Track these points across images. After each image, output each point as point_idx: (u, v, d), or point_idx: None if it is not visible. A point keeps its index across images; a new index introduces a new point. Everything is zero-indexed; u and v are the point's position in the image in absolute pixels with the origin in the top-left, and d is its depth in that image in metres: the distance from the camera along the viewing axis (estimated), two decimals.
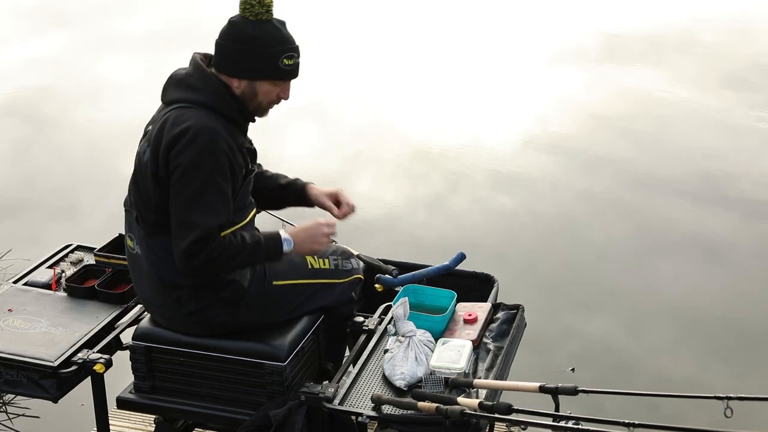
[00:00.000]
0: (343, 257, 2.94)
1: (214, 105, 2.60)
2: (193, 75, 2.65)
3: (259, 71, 2.63)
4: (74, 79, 8.63)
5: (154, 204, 2.61)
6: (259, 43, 2.60)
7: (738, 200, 5.96)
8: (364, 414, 2.53)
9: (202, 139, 2.52)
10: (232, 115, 2.63)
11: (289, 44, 2.64)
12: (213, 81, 2.63)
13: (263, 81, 2.64)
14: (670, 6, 10.69)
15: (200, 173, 2.52)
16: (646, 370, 4.27)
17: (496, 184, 6.33)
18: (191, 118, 2.55)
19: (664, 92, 7.97)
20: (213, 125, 2.55)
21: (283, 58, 2.62)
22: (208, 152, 2.52)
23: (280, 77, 2.65)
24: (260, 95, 2.66)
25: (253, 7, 2.59)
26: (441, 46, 9.53)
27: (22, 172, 6.66)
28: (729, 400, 2.22)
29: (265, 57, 2.61)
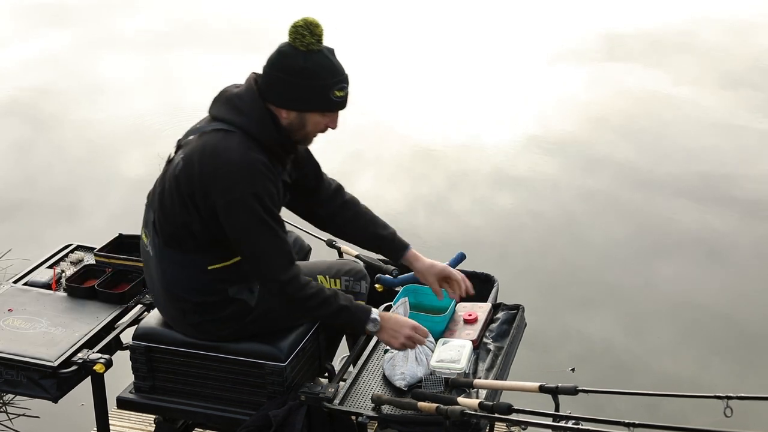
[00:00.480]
0: (355, 279, 2.91)
1: (256, 134, 2.55)
2: (244, 98, 2.59)
3: (310, 103, 2.57)
4: (74, 79, 8.63)
5: (178, 220, 2.59)
6: (310, 75, 2.52)
7: (738, 200, 5.95)
8: (364, 414, 2.53)
9: (247, 174, 2.48)
10: (273, 146, 2.58)
11: (340, 75, 2.57)
12: (261, 109, 2.57)
13: (313, 112, 2.58)
14: (671, 6, 10.70)
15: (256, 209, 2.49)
16: (646, 370, 4.27)
17: (496, 183, 6.33)
18: (233, 149, 2.50)
19: (664, 92, 7.97)
20: (255, 157, 2.51)
21: (335, 90, 2.56)
22: (256, 186, 2.49)
23: (331, 108, 2.59)
24: (309, 126, 2.60)
25: (304, 38, 2.52)
26: (442, 45, 9.53)
27: (23, 172, 6.66)
28: (729, 399, 2.22)
29: (316, 89, 2.54)
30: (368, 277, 2.98)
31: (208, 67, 8.73)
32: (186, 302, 2.66)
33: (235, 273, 2.65)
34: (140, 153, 6.80)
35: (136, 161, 6.66)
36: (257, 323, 2.70)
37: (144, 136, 7.12)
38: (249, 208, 2.48)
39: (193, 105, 7.40)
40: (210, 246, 2.59)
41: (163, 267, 2.66)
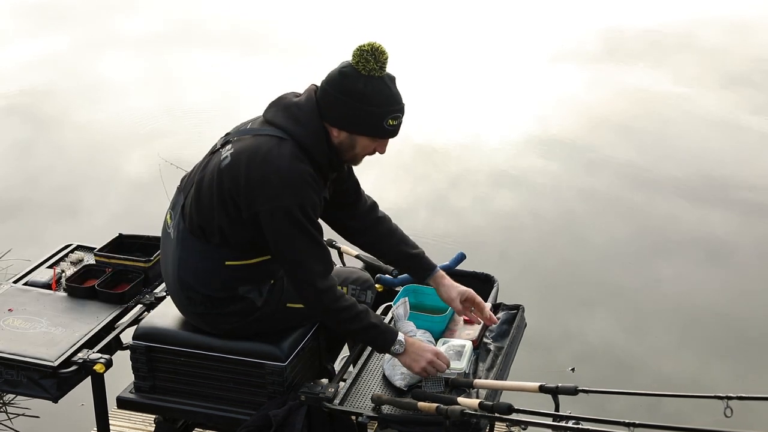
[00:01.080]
0: (361, 288, 2.92)
1: (309, 146, 2.56)
2: (303, 108, 2.60)
3: (363, 127, 2.58)
4: (74, 79, 8.63)
5: (212, 214, 2.59)
6: (367, 100, 2.53)
7: (738, 199, 5.96)
8: (364, 414, 2.53)
9: (294, 184, 2.50)
10: (321, 161, 2.59)
11: (397, 105, 2.59)
12: (317, 123, 2.58)
13: (365, 137, 2.60)
14: (671, 5, 10.70)
15: (300, 220, 2.50)
16: (647, 370, 4.27)
17: (497, 183, 6.33)
18: (285, 158, 2.51)
19: (665, 92, 7.97)
20: (302, 167, 2.52)
21: (389, 119, 2.57)
22: (302, 197, 2.51)
23: (382, 135, 2.61)
24: (358, 148, 2.62)
25: (368, 63, 2.52)
26: (443, 45, 9.54)
27: (23, 172, 6.66)
28: (729, 399, 2.22)
29: (371, 115, 2.55)
30: (374, 287, 2.99)
31: (207, 67, 8.74)
32: (195, 292, 2.66)
33: (251, 273, 2.66)
34: (140, 153, 6.80)
35: (136, 161, 6.67)
36: (261, 322, 2.70)
37: (144, 137, 7.13)
38: (294, 216, 2.50)
39: (193, 105, 7.47)
40: (235, 243, 2.61)
41: (182, 253, 2.67)
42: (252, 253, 2.64)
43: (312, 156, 2.56)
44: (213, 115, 7.07)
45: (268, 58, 8.82)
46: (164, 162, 5.73)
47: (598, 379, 4.16)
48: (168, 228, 2.74)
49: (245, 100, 7.43)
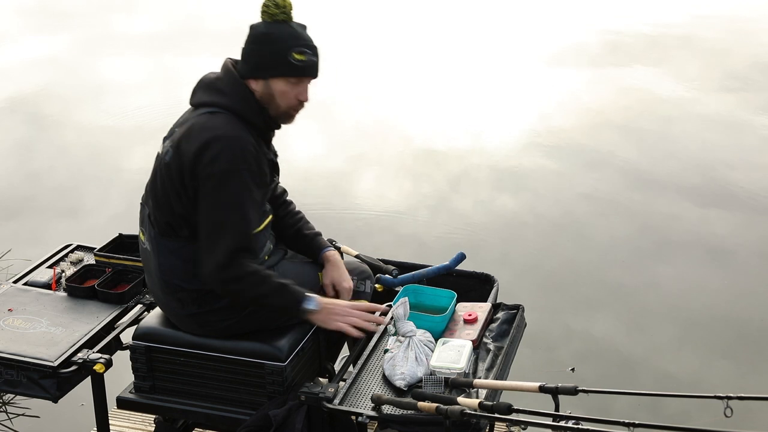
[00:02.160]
0: (359, 278, 2.92)
1: (240, 110, 2.60)
2: (223, 79, 2.65)
3: (271, 68, 2.61)
4: (76, 79, 8.64)
5: (171, 207, 2.61)
6: (269, 39, 2.59)
7: (739, 199, 5.96)
8: (364, 414, 2.52)
9: (232, 147, 2.52)
10: (257, 122, 2.62)
11: (301, 40, 2.62)
12: (240, 86, 2.62)
13: (277, 79, 2.61)
14: (672, 5, 10.70)
15: (233, 183, 2.52)
16: (648, 370, 4.27)
17: (498, 183, 6.33)
18: (219, 127, 2.55)
19: (665, 91, 7.98)
20: (240, 133, 2.55)
21: (293, 53, 2.59)
22: (239, 161, 2.52)
23: (291, 73, 2.61)
24: (277, 96, 2.63)
25: (269, 8, 2.59)
26: (444, 46, 9.55)
27: (24, 172, 6.67)
28: (729, 399, 2.22)
29: (275, 53, 2.59)
30: (373, 278, 2.99)
31: (209, 67, 8.73)
32: (183, 291, 2.67)
33: None
34: (141, 153, 6.80)
35: (137, 161, 6.67)
36: (256, 315, 2.70)
37: (145, 137, 7.13)
38: (228, 180, 2.51)
39: None
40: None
41: (160, 258, 2.68)
42: None
43: (246, 120, 2.59)
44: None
45: None
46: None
47: (599, 378, 4.16)
48: (144, 244, 2.76)
49: None
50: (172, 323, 2.78)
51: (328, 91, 8.03)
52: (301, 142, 7.00)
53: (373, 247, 4.50)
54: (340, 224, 5.52)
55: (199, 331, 2.72)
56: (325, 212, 5.67)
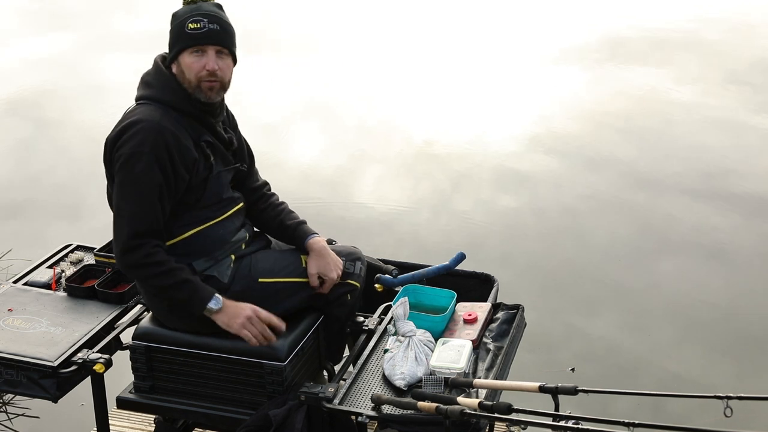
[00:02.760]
0: (348, 259, 2.89)
1: (165, 99, 2.64)
2: (150, 73, 2.72)
3: (175, 44, 2.67)
4: (77, 79, 8.63)
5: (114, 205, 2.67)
6: (173, 18, 2.67)
7: (741, 198, 5.96)
8: (364, 414, 2.53)
9: (143, 131, 2.55)
10: (185, 107, 2.64)
11: (198, 11, 2.64)
12: (164, 75, 2.68)
13: (182, 54, 2.65)
14: (674, 6, 10.70)
15: (138, 166, 2.54)
16: (649, 369, 4.27)
17: (499, 183, 6.33)
18: (138, 113, 2.61)
19: (667, 91, 7.98)
20: (157, 118, 2.58)
21: (188, 23, 2.62)
22: (147, 144, 2.54)
23: (190, 43, 2.63)
24: (185, 71, 2.65)
25: None
26: (445, 45, 9.54)
27: (24, 172, 6.66)
28: (729, 399, 2.22)
29: (175, 29, 2.66)
30: (363, 260, 2.95)
31: None
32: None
33: (192, 246, 2.67)
34: None
35: None
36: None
37: None
38: (133, 164, 2.54)
39: None
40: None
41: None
42: (180, 227, 2.66)
43: (174, 107, 2.63)
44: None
45: (270, 57, 8.83)
46: None
47: (600, 378, 4.15)
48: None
49: (249, 96, 7.46)
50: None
51: (330, 91, 8.05)
52: (303, 141, 7.01)
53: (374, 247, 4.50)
54: (342, 223, 5.52)
55: (185, 327, 2.72)
56: (326, 212, 5.67)
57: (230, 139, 2.78)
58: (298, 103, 7.80)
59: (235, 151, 2.82)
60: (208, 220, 2.68)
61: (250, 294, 2.71)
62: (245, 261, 2.76)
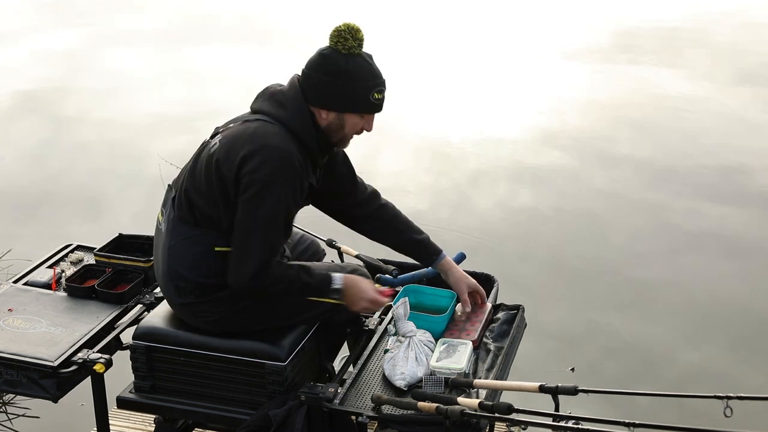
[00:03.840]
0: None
1: (295, 128, 2.62)
2: (287, 94, 2.67)
3: (350, 105, 2.64)
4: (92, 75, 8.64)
5: (204, 197, 2.64)
6: (352, 77, 2.60)
7: (757, 194, 6.02)
8: (364, 414, 2.53)
9: (279, 159, 2.54)
10: (310, 144, 2.64)
11: (379, 78, 2.66)
12: (302, 105, 2.64)
13: (352, 114, 2.65)
14: (686, 2, 10.73)
15: (273, 195, 2.54)
16: (670, 365, 4.30)
17: (516, 180, 6.34)
18: (270, 136, 2.57)
19: (680, 88, 8.04)
20: (289, 147, 2.57)
21: (374, 92, 2.64)
22: (283, 174, 2.55)
23: (369, 110, 2.67)
24: (347, 127, 2.67)
25: (347, 41, 2.59)
26: (459, 43, 9.58)
27: (24, 171, 6.66)
28: (729, 399, 2.22)
29: (357, 91, 2.62)
30: (371, 279, 2.97)
31: (223, 62, 8.75)
32: (183, 280, 2.68)
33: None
34: (140, 153, 6.79)
35: (136, 161, 6.65)
36: (248, 312, 2.70)
37: (146, 135, 7.13)
38: (268, 192, 2.53)
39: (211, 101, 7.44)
40: (226, 228, 2.63)
41: (172, 241, 2.69)
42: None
43: (300, 139, 2.61)
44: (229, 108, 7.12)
45: (283, 51, 8.83)
46: (164, 162, 5.73)
47: (622, 374, 4.20)
48: (160, 225, 2.78)
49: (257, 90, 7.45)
50: (172, 323, 2.78)
51: None
52: None
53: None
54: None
55: (192, 321, 2.73)
56: None
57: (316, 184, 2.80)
58: None
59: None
60: None
61: (265, 303, 2.71)
62: None
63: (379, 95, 2.65)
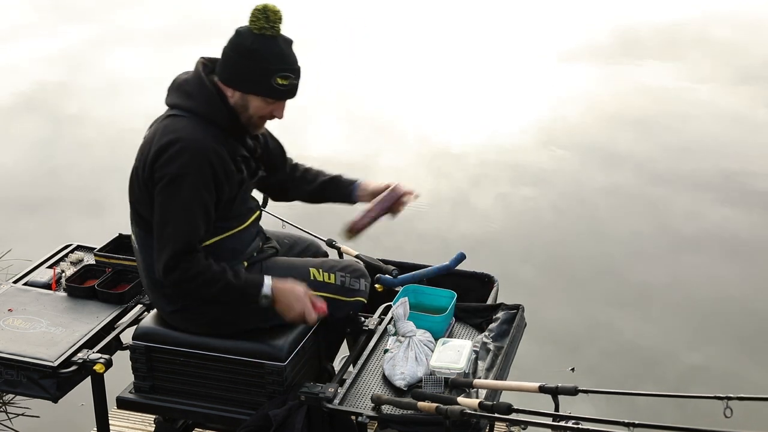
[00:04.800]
0: (352, 275, 2.88)
1: (206, 114, 2.59)
2: (191, 82, 2.65)
3: (251, 85, 2.59)
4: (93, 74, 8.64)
5: (146, 207, 2.63)
6: (255, 56, 2.55)
7: (758, 194, 6.01)
8: (364, 414, 2.53)
9: (188, 151, 2.52)
10: (224, 124, 2.61)
11: (287, 64, 2.58)
12: (208, 89, 2.61)
13: (255, 96, 2.60)
14: (685, 2, 10.74)
15: (184, 187, 2.52)
16: (671, 364, 4.30)
17: (517, 180, 6.34)
18: (180, 129, 2.56)
19: (681, 88, 8.04)
20: (201, 137, 2.54)
21: (277, 77, 2.57)
22: (193, 165, 2.52)
23: (272, 95, 2.60)
24: (251, 110, 2.62)
25: (259, 20, 2.55)
26: (459, 43, 9.57)
27: (24, 172, 6.66)
28: (729, 400, 2.22)
29: (258, 72, 2.56)
30: (368, 276, 2.96)
31: None
32: (168, 287, 2.66)
33: (212, 254, 2.65)
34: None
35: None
36: (240, 311, 2.69)
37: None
38: (178, 184, 2.51)
39: None
40: None
41: (145, 256, 2.69)
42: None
43: (214, 122, 2.58)
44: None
45: None
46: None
47: (621, 375, 4.20)
48: (134, 243, 2.78)
49: None
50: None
51: (346, 89, 8.06)
52: (318, 139, 7.02)
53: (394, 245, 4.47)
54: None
55: (188, 328, 2.72)
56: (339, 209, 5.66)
57: (255, 147, 2.77)
58: (312, 100, 7.81)
59: (258, 157, 2.80)
60: (227, 230, 2.67)
61: None
62: (256, 267, 2.75)
63: (283, 81, 2.57)
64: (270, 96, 2.60)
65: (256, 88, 2.59)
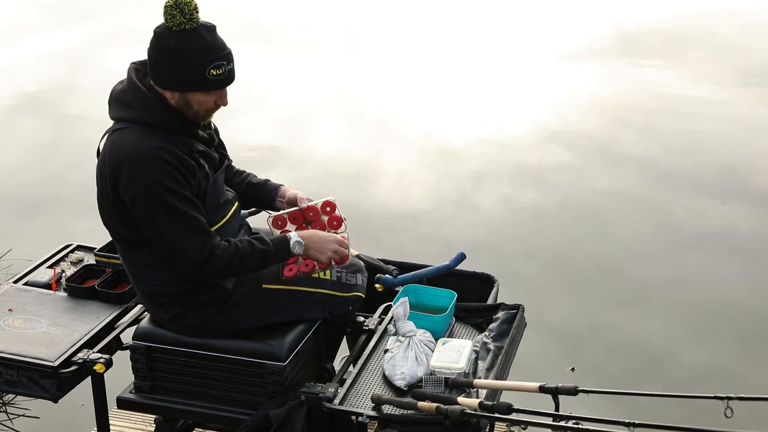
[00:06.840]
0: (349, 270, 2.88)
1: (148, 120, 2.57)
2: (127, 91, 2.62)
3: (188, 85, 2.56)
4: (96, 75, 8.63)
5: (120, 222, 2.63)
6: (182, 55, 2.51)
7: (760, 194, 6.00)
8: (364, 414, 2.53)
9: (141, 162, 2.50)
10: (170, 126, 2.58)
11: (216, 53, 2.55)
12: (144, 95, 2.58)
13: (194, 93, 2.58)
14: (688, 1, 10.74)
15: (158, 195, 2.50)
16: (673, 364, 4.29)
17: (519, 180, 6.34)
18: (128, 144, 2.54)
19: (683, 88, 8.04)
20: (149, 144, 2.52)
21: (210, 69, 2.54)
22: (153, 172, 2.50)
23: (209, 88, 2.58)
24: (195, 105, 2.60)
25: (175, 18, 2.50)
26: (461, 42, 9.57)
27: (25, 172, 6.66)
28: (729, 400, 2.21)
29: (190, 69, 2.53)
30: (365, 271, 2.96)
31: None
32: (162, 296, 2.67)
33: None
34: None
35: None
36: (239, 308, 2.70)
37: None
38: (152, 196, 2.50)
39: None
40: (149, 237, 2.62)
41: (132, 270, 2.71)
42: None
43: (159, 126, 2.56)
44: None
45: (286, 53, 8.83)
46: None
47: (623, 374, 4.19)
48: (119, 259, 2.80)
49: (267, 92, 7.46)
50: None
51: (347, 88, 8.06)
52: (320, 139, 7.01)
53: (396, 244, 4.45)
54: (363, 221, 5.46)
55: (189, 333, 2.72)
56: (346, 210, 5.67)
57: (211, 136, 2.75)
58: (312, 100, 7.81)
59: (216, 145, 2.79)
60: (210, 226, 2.65)
61: (252, 299, 2.71)
62: None
63: (217, 71, 2.54)
64: (209, 89, 2.58)
65: (193, 86, 2.56)
